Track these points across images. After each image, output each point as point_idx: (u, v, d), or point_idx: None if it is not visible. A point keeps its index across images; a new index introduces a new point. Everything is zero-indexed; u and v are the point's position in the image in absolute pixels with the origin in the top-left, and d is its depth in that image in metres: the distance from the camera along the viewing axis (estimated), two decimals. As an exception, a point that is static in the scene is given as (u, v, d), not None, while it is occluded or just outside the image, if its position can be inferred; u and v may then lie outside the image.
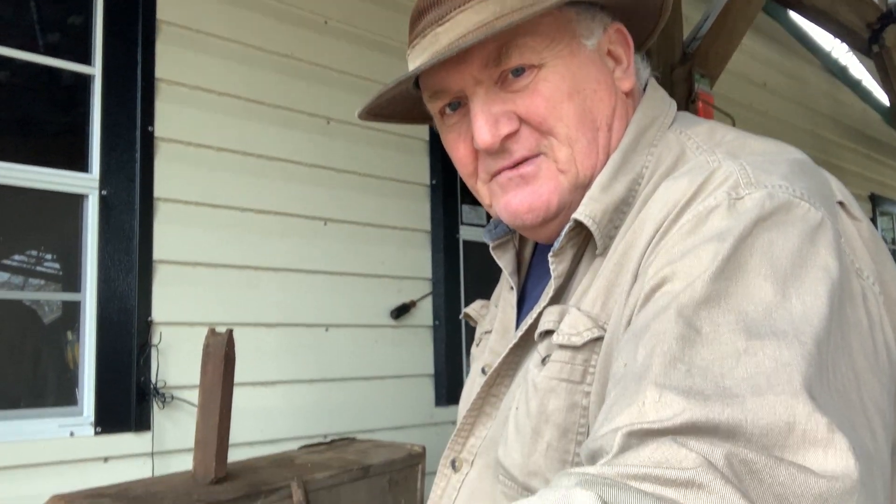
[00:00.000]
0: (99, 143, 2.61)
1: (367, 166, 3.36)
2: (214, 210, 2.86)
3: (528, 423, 0.76)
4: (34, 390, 2.59)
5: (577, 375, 0.74)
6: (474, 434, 0.88)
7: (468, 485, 0.86)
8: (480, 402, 0.87)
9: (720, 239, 0.63)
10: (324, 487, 2.13)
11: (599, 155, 0.82)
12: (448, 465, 0.89)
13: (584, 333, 0.74)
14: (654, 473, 0.50)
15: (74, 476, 2.39)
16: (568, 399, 0.73)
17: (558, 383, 0.74)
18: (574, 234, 0.80)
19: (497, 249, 0.98)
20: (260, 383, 2.90)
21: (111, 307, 2.56)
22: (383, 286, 3.38)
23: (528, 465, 0.75)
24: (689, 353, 0.58)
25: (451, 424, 3.48)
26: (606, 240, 0.78)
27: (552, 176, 0.82)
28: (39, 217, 2.65)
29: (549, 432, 0.74)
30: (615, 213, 0.78)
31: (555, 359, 0.76)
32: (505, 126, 0.80)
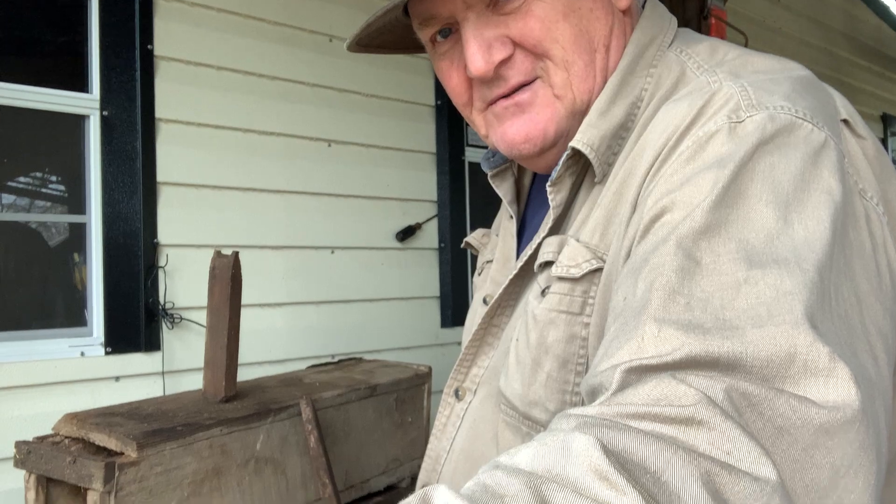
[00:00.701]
0: (98, 62, 2.56)
1: (371, 86, 3.31)
2: (217, 131, 2.82)
3: (528, 354, 0.76)
4: (44, 312, 2.62)
5: (576, 307, 0.73)
6: (476, 364, 0.88)
7: (471, 413, 0.86)
8: (482, 332, 0.87)
9: (720, 165, 0.62)
10: (332, 406, 2.17)
11: (597, 78, 0.78)
12: (451, 393, 0.90)
13: (583, 265, 0.73)
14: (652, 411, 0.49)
15: (86, 395, 2.44)
16: (567, 330, 0.73)
17: (557, 315, 0.74)
18: (572, 163, 0.78)
19: (496, 178, 0.97)
20: (267, 305, 2.93)
21: (117, 229, 2.56)
22: (388, 208, 3.37)
23: (529, 395, 0.75)
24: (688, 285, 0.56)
25: (456, 345, 3.54)
26: (605, 167, 0.76)
27: (548, 103, 0.79)
28: (42, 139, 2.62)
29: (548, 363, 0.74)
30: (613, 140, 0.76)
31: (554, 290, 0.75)
32: (498, 51, 0.76)
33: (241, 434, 1.87)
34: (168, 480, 1.67)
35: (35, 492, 1.61)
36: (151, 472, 1.63)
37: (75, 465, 1.55)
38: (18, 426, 2.26)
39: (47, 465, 1.59)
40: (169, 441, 1.68)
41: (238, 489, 1.86)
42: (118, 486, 1.54)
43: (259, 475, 1.92)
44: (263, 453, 1.94)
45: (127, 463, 1.58)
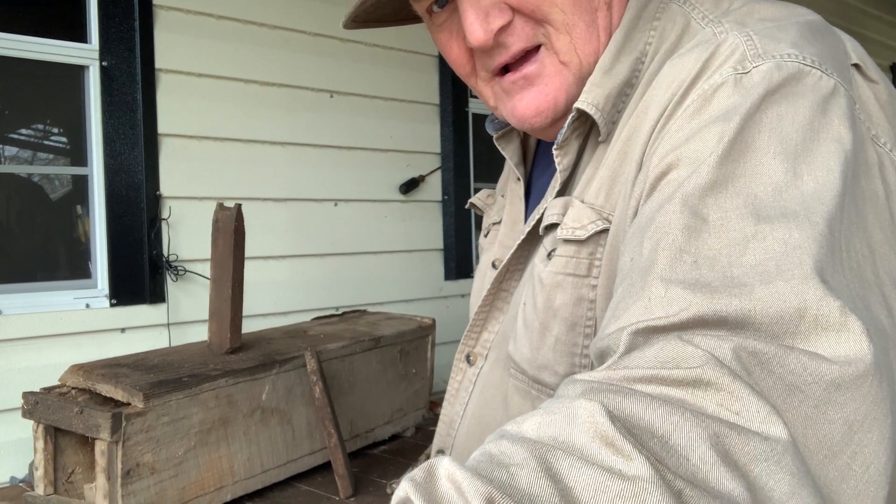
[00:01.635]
0: (97, 11, 2.52)
1: (373, 36, 3.26)
2: (217, 81, 2.79)
3: (535, 318, 0.75)
4: (49, 264, 2.63)
5: (582, 269, 0.72)
6: (487, 329, 0.87)
7: (482, 378, 0.86)
8: (492, 297, 0.86)
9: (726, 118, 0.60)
10: (336, 357, 2.18)
11: (601, 38, 0.76)
12: (463, 359, 0.89)
13: (589, 226, 0.71)
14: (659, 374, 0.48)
15: (92, 347, 2.46)
16: (574, 293, 0.72)
17: (564, 278, 0.72)
18: (578, 125, 0.75)
19: (501, 140, 0.94)
20: (271, 257, 2.93)
21: (119, 181, 2.55)
22: (392, 160, 3.35)
23: (538, 358, 0.75)
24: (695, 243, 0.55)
25: (459, 297, 3.55)
26: (610, 126, 0.74)
27: (556, 72, 0.76)
28: (42, 90, 2.60)
29: (556, 326, 0.73)
30: (618, 98, 0.74)
31: (560, 253, 0.73)
32: (496, 19, 0.73)
33: (247, 385, 1.89)
34: (175, 430, 1.69)
35: (43, 441, 1.63)
36: (158, 423, 1.65)
37: (82, 415, 1.56)
38: (25, 377, 2.28)
39: (54, 416, 1.61)
40: (175, 391, 1.70)
41: (245, 438, 1.88)
42: (125, 436, 1.56)
43: (265, 425, 1.95)
44: (269, 404, 1.95)
45: (134, 413, 1.59)
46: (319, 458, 2.11)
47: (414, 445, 2.40)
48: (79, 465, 1.70)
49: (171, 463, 1.68)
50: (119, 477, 1.55)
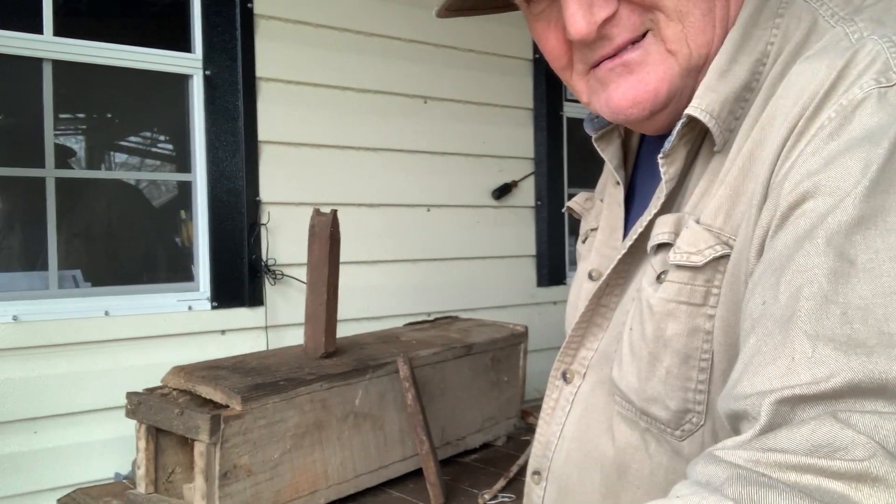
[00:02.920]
0: (200, 21, 2.60)
1: (467, 40, 3.25)
2: (315, 89, 2.84)
3: (643, 346, 0.69)
4: (154, 267, 2.73)
5: (697, 297, 0.65)
6: (584, 346, 0.81)
7: (581, 399, 0.81)
8: (590, 313, 0.80)
9: (872, 142, 0.52)
10: (428, 364, 2.17)
11: (716, 29, 0.68)
12: (559, 376, 0.84)
13: (706, 252, 0.64)
14: (816, 464, 0.43)
15: (194, 348, 2.53)
16: (688, 323, 0.65)
17: (677, 306, 0.66)
18: (688, 131, 0.68)
19: (600, 140, 0.88)
20: (364, 262, 2.95)
21: (221, 187, 2.62)
22: (484, 166, 3.33)
23: (646, 390, 0.69)
24: (843, 291, 0.48)
25: (552, 304, 3.50)
26: (726, 134, 0.67)
27: (661, 60, 0.69)
28: (149, 99, 2.70)
29: (668, 358, 0.67)
30: (735, 103, 0.67)
31: (672, 279, 0.67)
32: (601, 9, 0.67)
33: (341, 389, 1.90)
34: (271, 433, 1.71)
35: (145, 441, 1.67)
36: (255, 425, 1.67)
37: (183, 416, 1.60)
38: (130, 376, 2.37)
39: (156, 416, 1.65)
40: (272, 395, 1.72)
41: (338, 443, 1.89)
42: (223, 438, 1.59)
43: (358, 430, 1.95)
44: (362, 409, 1.96)
45: (232, 416, 1.62)
46: (411, 464, 2.10)
47: (505, 455, 2.36)
48: (179, 465, 1.74)
49: (267, 466, 1.70)
50: (217, 478, 1.58)
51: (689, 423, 0.66)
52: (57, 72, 2.40)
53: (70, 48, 2.39)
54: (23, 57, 2.34)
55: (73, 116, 2.63)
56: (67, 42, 2.39)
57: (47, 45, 2.36)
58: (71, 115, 2.62)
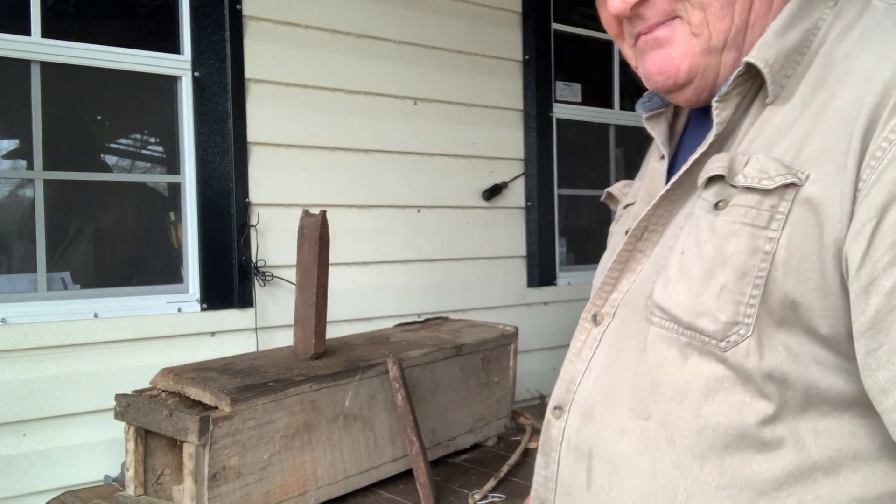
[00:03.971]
0: (189, 23, 2.60)
1: (457, 42, 3.26)
2: (305, 90, 2.84)
3: (699, 265, 0.74)
4: (142, 269, 2.72)
5: (762, 220, 0.71)
6: (617, 289, 0.87)
7: (610, 334, 0.86)
8: (626, 257, 0.86)
9: None
10: (418, 364, 2.17)
11: (734, 18, 0.79)
12: (589, 319, 0.89)
13: (776, 178, 0.70)
14: None
15: (184, 350, 2.52)
16: (750, 243, 0.71)
17: (741, 227, 0.72)
18: (742, 81, 0.78)
19: (650, 121, 0.97)
20: (354, 263, 2.96)
21: (210, 189, 2.62)
22: (475, 167, 3.33)
23: (696, 305, 0.74)
24: None
25: (542, 305, 3.50)
26: (778, 88, 0.76)
27: (685, 39, 0.81)
28: (137, 100, 2.69)
29: (724, 274, 0.72)
30: (787, 60, 0.76)
31: (737, 202, 0.73)
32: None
33: (331, 390, 1.90)
34: (260, 434, 1.71)
35: (134, 443, 1.67)
36: (244, 426, 1.67)
37: (172, 418, 1.60)
38: (119, 378, 2.36)
39: (145, 418, 1.65)
40: (261, 396, 1.72)
41: (328, 444, 1.90)
42: (212, 439, 1.59)
43: (348, 431, 1.95)
44: (352, 409, 1.96)
45: (221, 417, 1.62)
46: (401, 465, 2.10)
47: (496, 455, 2.37)
48: (168, 466, 1.74)
49: (257, 467, 1.70)
50: (206, 480, 1.58)
51: (735, 335, 0.71)
52: (45, 74, 2.40)
53: (58, 50, 2.39)
54: (10, 59, 2.33)
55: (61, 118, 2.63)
56: (55, 44, 2.38)
57: (35, 46, 2.35)
58: (60, 117, 2.61)
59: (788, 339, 0.69)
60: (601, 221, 3.99)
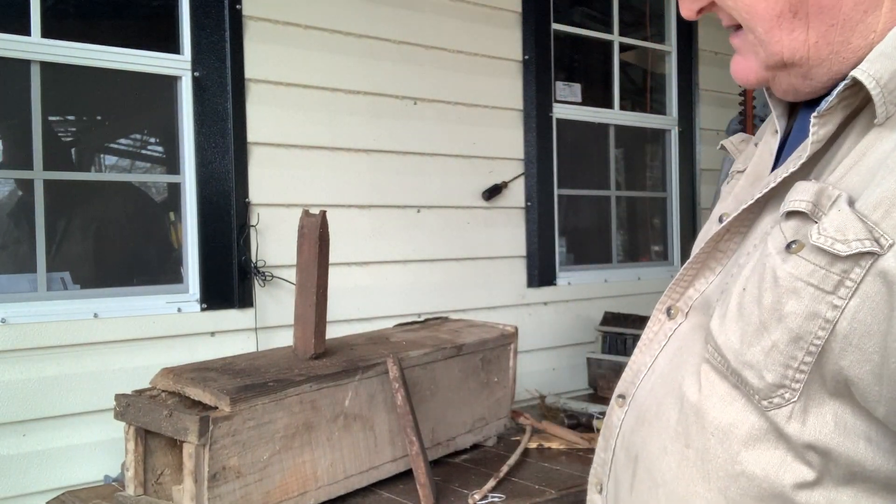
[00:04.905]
0: (189, 23, 2.60)
1: (457, 42, 3.25)
2: (304, 90, 2.84)
3: (756, 312, 0.69)
4: (142, 269, 2.72)
5: (829, 285, 0.63)
6: (694, 286, 0.84)
7: (679, 336, 0.83)
8: (705, 255, 0.83)
9: None
10: (418, 364, 2.17)
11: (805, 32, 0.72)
12: (663, 311, 0.87)
13: (853, 244, 0.61)
14: None
15: (183, 350, 2.52)
16: (811, 306, 0.64)
17: (804, 286, 0.64)
18: (849, 94, 0.68)
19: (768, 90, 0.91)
20: (354, 263, 2.96)
21: (210, 189, 2.62)
22: (474, 167, 3.33)
23: (745, 354, 0.69)
24: None
25: (542, 305, 3.51)
26: (890, 108, 0.65)
27: (749, 50, 0.78)
28: (137, 100, 2.69)
29: (778, 333, 0.66)
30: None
31: (806, 257, 0.65)
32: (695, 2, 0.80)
33: (331, 390, 1.90)
34: (260, 434, 1.71)
35: (134, 443, 1.67)
36: (244, 426, 1.67)
37: (171, 418, 1.60)
38: (119, 379, 2.36)
39: (145, 418, 1.65)
40: (261, 396, 1.72)
41: (328, 444, 1.89)
42: (212, 439, 1.59)
43: (348, 430, 1.95)
44: (352, 409, 1.96)
45: (221, 417, 1.62)
46: (401, 465, 2.10)
47: (495, 456, 2.37)
48: (168, 466, 1.74)
49: (257, 467, 1.70)
50: (206, 480, 1.58)
51: (779, 398, 0.67)
52: (45, 74, 2.40)
53: (58, 50, 2.39)
54: (10, 59, 2.33)
55: (61, 118, 2.63)
56: (55, 44, 2.38)
57: (35, 46, 2.35)
58: (59, 117, 2.61)
59: (842, 409, 0.65)
60: (601, 221, 3.99)
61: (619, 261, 4.00)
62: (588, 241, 4.01)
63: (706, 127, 4.19)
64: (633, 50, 4.16)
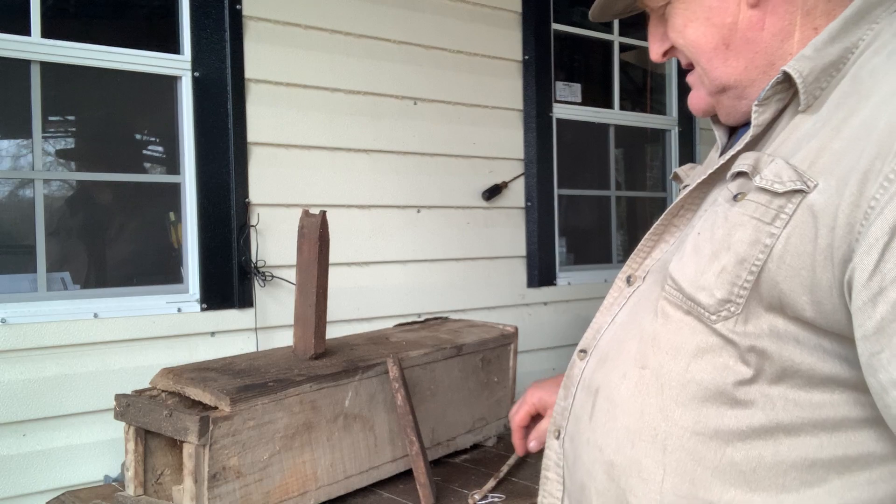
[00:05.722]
0: (189, 23, 2.60)
1: (457, 42, 3.26)
2: (304, 90, 2.84)
3: (708, 246, 0.86)
4: (142, 269, 2.72)
5: (768, 217, 0.80)
6: (651, 256, 1.01)
7: (636, 295, 0.99)
8: (662, 228, 1.00)
9: None
10: (418, 364, 2.17)
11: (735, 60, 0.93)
12: (623, 279, 1.04)
13: (787, 183, 0.79)
14: None
15: (183, 350, 2.52)
16: (753, 234, 0.81)
17: (749, 219, 0.82)
18: (780, 88, 0.87)
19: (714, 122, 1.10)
20: (354, 263, 2.96)
21: (210, 189, 2.62)
22: (474, 167, 3.33)
23: (699, 280, 0.85)
24: None
25: (542, 305, 3.50)
26: (810, 98, 0.85)
27: (698, 82, 1.00)
28: (137, 100, 2.69)
29: (727, 258, 0.83)
30: (823, 73, 0.85)
31: (751, 198, 0.83)
32: (660, 46, 1.01)
33: (331, 391, 1.90)
34: (260, 434, 1.71)
35: (134, 443, 1.67)
36: (244, 427, 1.67)
37: (171, 418, 1.60)
38: (119, 379, 2.36)
39: (145, 418, 1.65)
40: (261, 396, 1.72)
41: (328, 444, 1.89)
42: (212, 440, 1.59)
43: (348, 431, 1.95)
44: (352, 410, 1.96)
45: (221, 417, 1.62)
46: (401, 465, 2.10)
47: (496, 456, 2.37)
48: (168, 466, 1.74)
49: (257, 467, 1.70)
50: (206, 480, 1.58)
51: (726, 311, 0.82)
52: (45, 74, 2.40)
53: (58, 50, 2.39)
54: (10, 59, 2.33)
55: (61, 118, 2.63)
56: (55, 44, 2.38)
57: (35, 46, 2.35)
58: (59, 117, 2.61)
59: (774, 320, 0.79)
60: (601, 221, 3.99)
61: (619, 261, 4.00)
62: (588, 241, 4.01)
63: (706, 127, 4.19)
64: (633, 50, 4.16)
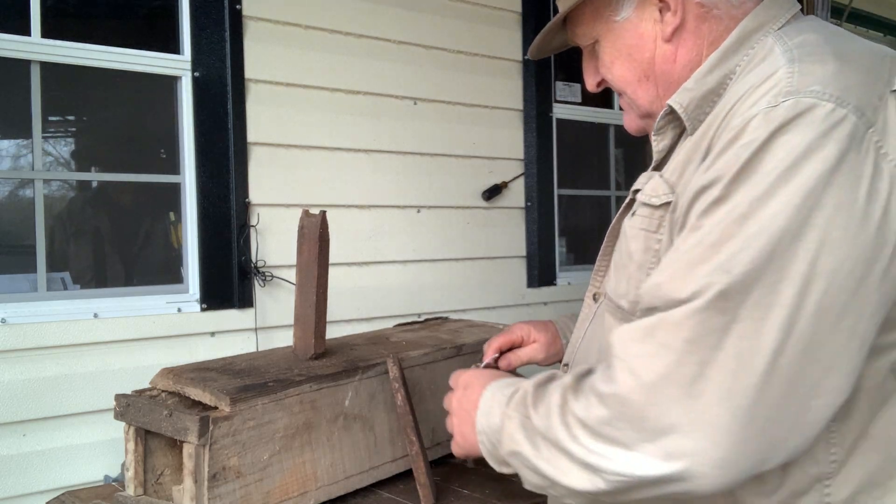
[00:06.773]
0: (189, 23, 2.60)
1: (457, 42, 3.25)
2: (304, 90, 2.84)
3: (620, 260, 1.01)
4: (142, 269, 2.72)
5: (653, 227, 0.94)
6: (607, 274, 1.13)
7: (601, 310, 1.13)
8: (610, 249, 1.13)
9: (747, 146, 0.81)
10: (418, 364, 2.17)
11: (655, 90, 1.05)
12: (590, 297, 1.18)
13: (662, 196, 0.94)
14: None
15: (183, 350, 2.52)
16: (644, 243, 0.95)
17: (639, 231, 0.96)
18: (671, 118, 1.00)
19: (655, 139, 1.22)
20: (354, 263, 2.95)
21: (210, 189, 2.62)
22: (474, 167, 3.33)
23: (618, 289, 1.01)
24: None
25: (542, 305, 3.51)
26: (696, 123, 0.96)
27: (629, 108, 1.14)
28: (137, 100, 2.69)
29: (631, 267, 0.97)
30: (704, 100, 0.96)
31: (639, 213, 0.98)
32: (594, 77, 1.16)
33: (331, 391, 1.90)
34: (260, 434, 1.71)
35: (134, 443, 1.67)
36: (244, 427, 1.67)
37: (171, 418, 1.60)
38: (119, 379, 2.36)
39: (145, 418, 1.65)
40: (261, 396, 1.72)
41: (328, 444, 1.89)
42: (212, 440, 1.59)
43: (348, 431, 1.95)
44: (352, 410, 1.96)
45: (221, 417, 1.62)
46: (401, 465, 2.10)
47: (496, 455, 2.36)
48: (168, 467, 1.74)
49: (257, 467, 1.70)
50: (206, 480, 1.58)
51: (639, 311, 0.91)
52: (45, 74, 2.40)
53: (58, 50, 2.39)
54: (10, 59, 2.33)
55: (61, 118, 2.63)
56: (55, 44, 2.38)
57: (35, 46, 2.35)
58: (59, 117, 2.61)
59: None
60: (601, 221, 3.99)
61: (619, 261, 3.99)
62: (588, 241, 4.01)
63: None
64: (634, 50, 4.15)
